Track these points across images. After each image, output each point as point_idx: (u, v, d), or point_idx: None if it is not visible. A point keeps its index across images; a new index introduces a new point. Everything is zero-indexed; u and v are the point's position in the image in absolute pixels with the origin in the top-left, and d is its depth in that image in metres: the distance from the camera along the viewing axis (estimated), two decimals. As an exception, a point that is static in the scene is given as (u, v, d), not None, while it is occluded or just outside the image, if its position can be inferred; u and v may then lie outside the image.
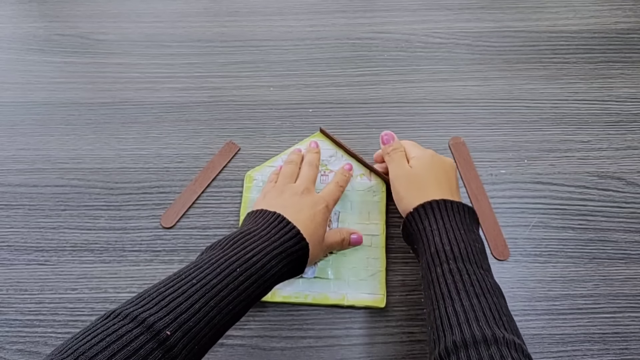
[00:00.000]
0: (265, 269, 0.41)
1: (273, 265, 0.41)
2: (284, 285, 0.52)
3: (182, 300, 0.36)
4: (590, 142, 0.62)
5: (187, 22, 0.73)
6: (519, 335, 0.38)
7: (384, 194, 0.57)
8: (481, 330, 0.36)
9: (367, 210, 0.56)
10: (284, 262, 0.43)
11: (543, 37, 0.71)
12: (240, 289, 0.39)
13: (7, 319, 0.52)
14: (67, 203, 0.58)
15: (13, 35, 0.72)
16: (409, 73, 0.68)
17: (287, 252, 0.43)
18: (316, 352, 0.50)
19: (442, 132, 0.63)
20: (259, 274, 0.40)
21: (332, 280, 0.53)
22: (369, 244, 0.54)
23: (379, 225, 0.55)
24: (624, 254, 0.55)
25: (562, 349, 0.50)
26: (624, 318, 0.51)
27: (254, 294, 0.40)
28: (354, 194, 0.57)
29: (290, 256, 0.43)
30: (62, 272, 0.54)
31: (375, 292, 0.52)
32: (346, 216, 0.56)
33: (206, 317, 0.36)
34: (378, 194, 0.57)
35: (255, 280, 0.40)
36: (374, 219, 0.56)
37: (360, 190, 0.57)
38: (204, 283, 0.38)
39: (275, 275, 0.42)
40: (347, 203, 0.56)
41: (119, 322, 0.33)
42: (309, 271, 0.53)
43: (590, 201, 0.58)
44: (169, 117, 0.64)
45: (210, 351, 0.49)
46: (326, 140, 0.60)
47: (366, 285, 0.52)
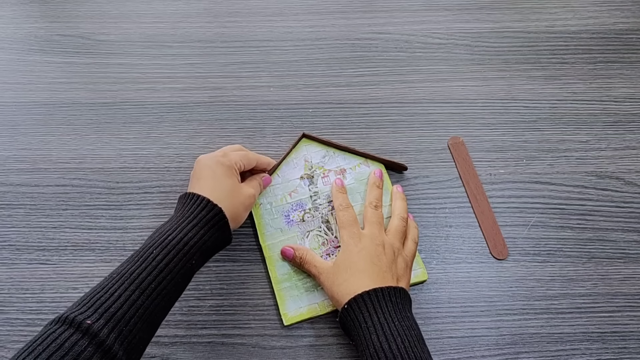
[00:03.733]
0: (183, 242, 0.42)
1: (190, 236, 0.43)
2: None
3: (108, 296, 0.38)
4: (588, 142, 0.62)
5: (187, 22, 0.73)
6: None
7: (386, 176, 0.58)
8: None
9: None
10: (202, 230, 0.44)
11: (542, 38, 0.71)
12: (159, 266, 0.40)
13: (9, 318, 0.52)
14: (68, 203, 0.59)
15: (14, 36, 0.72)
16: (408, 73, 0.68)
17: (203, 220, 0.45)
18: (316, 351, 0.50)
19: (441, 132, 0.63)
20: (177, 249, 0.42)
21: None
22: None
23: (389, 207, 0.55)
24: (623, 254, 0.55)
25: (560, 347, 0.50)
26: (623, 317, 0.52)
27: (177, 268, 0.41)
28: (359, 184, 0.57)
29: (207, 223, 0.45)
30: (63, 271, 0.54)
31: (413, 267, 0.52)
32: (358, 209, 0.55)
33: (128, 300, 0.38)
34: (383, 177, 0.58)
35: (175, 255, 0.42)
36: (385, 201, 0.56)
37: (362, 179, 0.57)
38: (126, 274, 0.40)
39: (197, 244, 0.43)
40: (356, 195, 0.56)
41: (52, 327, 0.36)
42: None
43: (589, 201, 0.58)
44: (170, 117, 0.65)
45: (210, 350, 0.50)
46: (313, 143, 0.60)
47: None
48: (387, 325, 0.42)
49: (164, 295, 0.40)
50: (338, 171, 0.58)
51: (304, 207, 0.56)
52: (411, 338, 0.42)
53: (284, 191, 0.57)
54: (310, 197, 0.57)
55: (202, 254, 0.44)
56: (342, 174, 0.58)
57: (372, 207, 0.53)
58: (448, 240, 0.56)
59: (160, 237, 0.43)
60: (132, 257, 0.42)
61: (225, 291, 0.53)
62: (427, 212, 0.58)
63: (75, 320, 0.36)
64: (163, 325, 0.50)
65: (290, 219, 0.56)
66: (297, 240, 0.55)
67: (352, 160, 0.59)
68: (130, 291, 0.39)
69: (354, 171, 0.58)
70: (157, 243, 0.42)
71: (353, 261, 0.48)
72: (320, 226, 0.55)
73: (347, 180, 0.57)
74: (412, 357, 0.40)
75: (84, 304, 0.37)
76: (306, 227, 0.55)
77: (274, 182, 0.58)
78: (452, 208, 0.58)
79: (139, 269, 0.40)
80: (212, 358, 0.50)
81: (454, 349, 0.50)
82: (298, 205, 0.56)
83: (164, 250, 0.41)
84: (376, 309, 0.43)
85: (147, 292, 0.39)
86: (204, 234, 0.44)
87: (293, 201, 0.57)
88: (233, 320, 0.51)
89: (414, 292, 0.53)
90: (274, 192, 0.57)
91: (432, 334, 0.51)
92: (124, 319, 0.37)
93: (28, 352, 0.34)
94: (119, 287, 0.39)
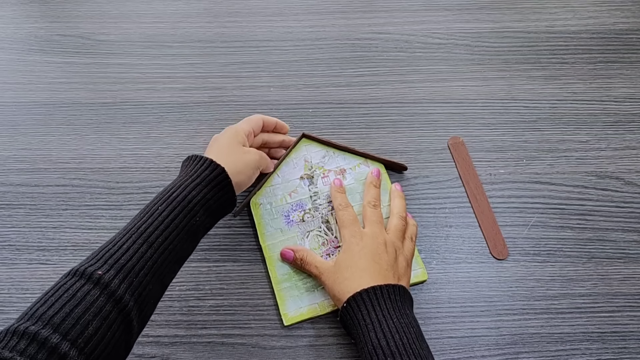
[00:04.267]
0: (187, 199, 0.43)
1: (194, 194, 0.44)
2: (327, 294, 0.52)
3: (117, 249, 0.39)
4: (588, 142, 0.62)
5: (187, 22, 0.73)
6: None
7: (386, 175, 0.58)
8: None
9: None
10: (206, 189, 0.45)
11: (542, 38, 0.71)
12: (165, 222, 0.42)
13: (8, 318, 0.52)
14: (68, 202, 0.59)
15: (14, 36, 0.73)
16: (408, 73, 0.68)
17: (206, 179, 0.45)
18: (316, 351, 0.50)
19: (441, 132, 0.63)
20: (182, 205, 0.43)
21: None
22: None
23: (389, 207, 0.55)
24: (623, 254, 0.55)
25: (560, 347, 0.50)
26: (623, 317, 0.52)
27: (182, 224, 0.42)
28: (358, 184, 0.57)
29: (210, 182, 0.46)
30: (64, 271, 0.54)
31: (413, 267, 0.52)
32: (358, 209, 0.55)
33: (137, 253, 0.39)
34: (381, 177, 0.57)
35: (180, 211, 0.43)
36: (384, 201, 0.56)
37: (362, 179, 0.57)
38: (133, 228, 0.41)
39: (200, 202, 0.44)
40: (356, 195, 0.56)
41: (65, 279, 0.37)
42: None
43: (589, 201, 0.58)
44: (170, 117, 0.65)
45: (210, 350, 0.50)
46: (313, 143, 0.59)
47: None
48: (386, 322, 0.42)
49: (170, 250, 0.41)
50: (338, 171, 0.58)
51: (304, 208, 0.56)
52: (410, 335, 0.42)
53: (283, 191, 0.57)
54: (310, 197, 0.57)
55: (207, 212, 0.45)
56: (342, 174, 0.58)
57: (371, 206, 0.53)
58: (448, 240, 0.56)
59: (165, 194, 0.44)
60: (139, 214, 0.43)
61: (225, 291, 0.53)
62: (427, 212, 0.58)
63: (87, 272, 0.37)
64: (163, 325, 0.50)
65: (290, 219, 0.56)
66: (297, 241, 0.54)
67: (352, 161, 0.59)
68: (138, 244, 0.40)
69: (353, 171, 0.58)
70: (162, 200, 0.43)
71: (354, 260, 0.48)
72: (320, 226, 0.55)
73: (347, 180, 0.57)
74: (410, 354, 0.40)
75: (94, 257, 0.38)
76: (306, 227, 0.55)
77: (274, 183, 0.57)
78: (452, 208, 0.58)
79: (146, 223, 0.41)
80: (212, 358, 0.50)
81: (454, 349, 0.50)
82: (298, 206, 0.56)
83: (169, 207, 0.42)
84: (374, 306, 0.44)
85: (154, 245, 0.40)
86: (207, 192, 0.45)
87: (293, 201, 0.56)
88: (233, 320, 0.51)
89: (414, 292, 0.53)
90: (274, 192, 0.57)
91: (432, 334, 0.51)
92: (133, 270, 0.38)
93: (41, 303, 0.35)
94: (127, 241, 0.40)
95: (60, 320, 0.34)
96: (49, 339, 0.33)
